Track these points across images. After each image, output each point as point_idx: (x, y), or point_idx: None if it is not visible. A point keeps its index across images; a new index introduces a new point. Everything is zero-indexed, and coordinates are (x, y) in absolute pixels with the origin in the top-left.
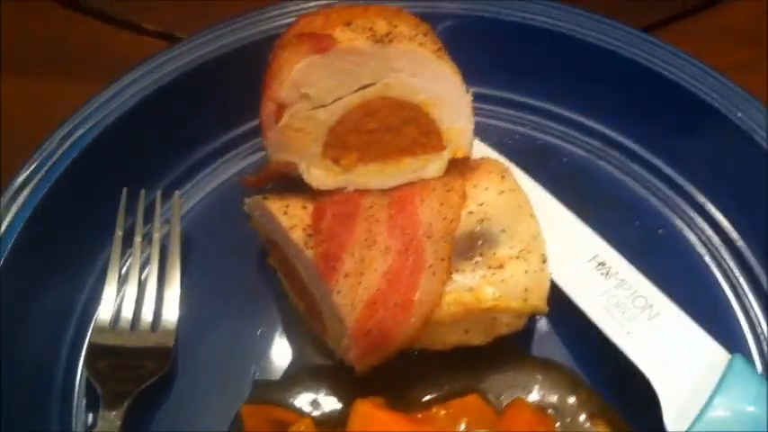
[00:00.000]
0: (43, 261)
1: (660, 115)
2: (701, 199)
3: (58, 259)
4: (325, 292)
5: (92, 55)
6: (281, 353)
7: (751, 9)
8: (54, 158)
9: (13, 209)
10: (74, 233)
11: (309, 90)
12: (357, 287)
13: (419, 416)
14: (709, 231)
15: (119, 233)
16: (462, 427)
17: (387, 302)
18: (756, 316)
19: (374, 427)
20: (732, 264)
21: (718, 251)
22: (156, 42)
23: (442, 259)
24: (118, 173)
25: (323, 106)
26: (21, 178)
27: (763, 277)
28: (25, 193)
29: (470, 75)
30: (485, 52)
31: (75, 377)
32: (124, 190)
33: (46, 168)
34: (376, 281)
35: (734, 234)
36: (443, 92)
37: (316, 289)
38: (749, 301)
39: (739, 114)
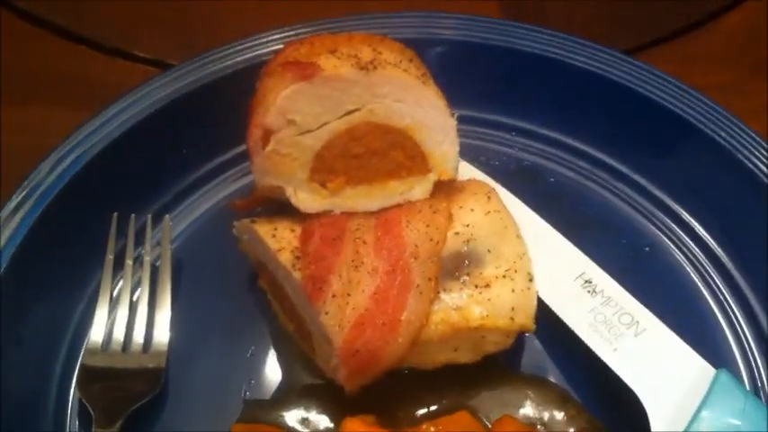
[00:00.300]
0: (35, 284)
1: (645, 136)
2: (687, 217)
3: (50, 282)
4: (313, 314)
5: (83, 82)
6: (271, 373)
7: (731, 33)
8: (45, 184)
9: (5, 234)
10: (65, 257)
11: (295, 116)
12: (345, 308)
13: None
14: (695, 249)
15: (110, 257)
16: None
17: (374, 322)
18: (743, 330)
19: None
20: (718, 280)
21: (704, 268)
22: (147, 70)
23: (429, 279)
24: (108, 198)
25: (309, 132)
26: (12, 204)
27: (748, 293)
28: (17, 218)
29: (457, 97)
30: (471, 76)
31: (67, 399)
32: (115, 214)
33: (37, 194)
34: (363, 301)
35: (719, 250)
36: (428, 116)
37: (304, 310)
38: (735, 315)
39: (722, 134)
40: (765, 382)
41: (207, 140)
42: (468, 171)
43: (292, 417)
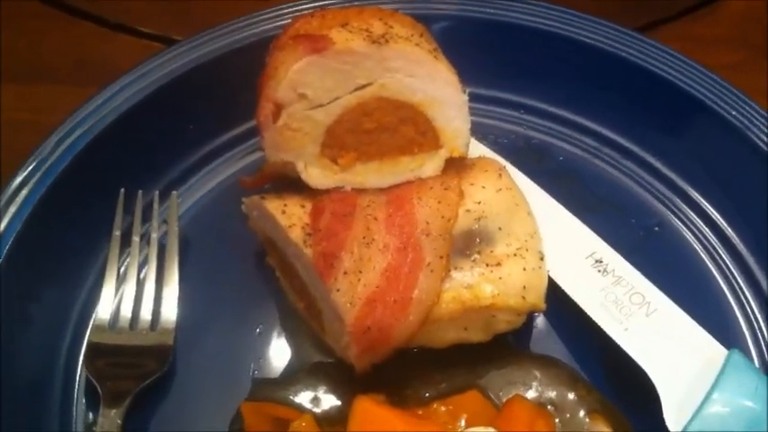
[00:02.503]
0: (41, 262)
1: (655, 114)
2: (696, 196)
3: (57, 260)
4: (324, 291)
5: (87, 59)
6: (279, 351)
7: (737, 14)
8: (51, 161)
9: (11, 210)
10: (72, 234)
11: (306, 90)
12: (356, 285)
13: (419, 412)
14: (705, 228)
15: (116, 233)
16: (462, 423)
17: (385, 300)
18: (753, 311)
19: (375, 424)
20: (728, 259)
21: (714, 247)
22: (153, 45)
23: (441, 257)
24: (115, 174)
25: (320, 106)
26: (18, 180)
27: (759, 272)
28: (23, 194)
29: (465, 75)
30: (480, 53)
31: (74, 377)
32: (122, 190)
33: (43, 171)
34: (375, 279)
35: (729, 230)
36: (440, 92)
37: (315, 287)
38: (745, 296)
39: (733, 112)
40: None
41: (214, 117)
42: (476, 149)
43: (302, 395)
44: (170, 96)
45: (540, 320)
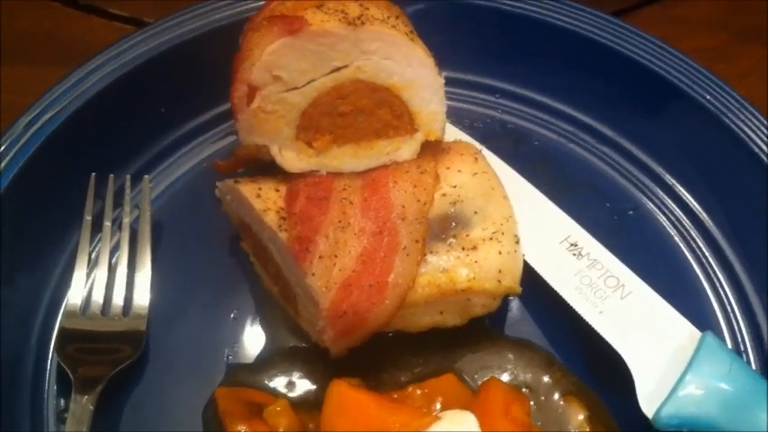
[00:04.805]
0: (11, 246)
1: (630, 99)
2: (671, 180)
3: (27, 244)
4: (299, 275)
5: (57, 40)
6: (254, 336)
7: None
8: (20, 143)
9: None
10: (42, 218)
11: (281, 72)
12: (331, 269)
13: (395, 396)
14: (679, 212)
15: (87, 218)
16: (438, 406)
17: (361, 284)
18: (726, 294)
19: (350, 407)
20: (701, 243)
21: (688, 231)
22: (125, 28)
23: (417, 241)
24: (86, 158)
25: (295, 89)
26: None
27: (731, 256)
28: None
29: (441, 59)
30: (456, 37)
31: (45, 363)
32: (92, 174)
33: (12, 153)
34: (350, 263)
35: (703, 214)
36: (416, 75)
37: (290, 272)
38: (718, 279)
39: (708, 97)
40: (748, 344)
41: (186, 100)
42: (452, 133)
43: (276, 380)
44: (142, 78)
45: (515, 304)
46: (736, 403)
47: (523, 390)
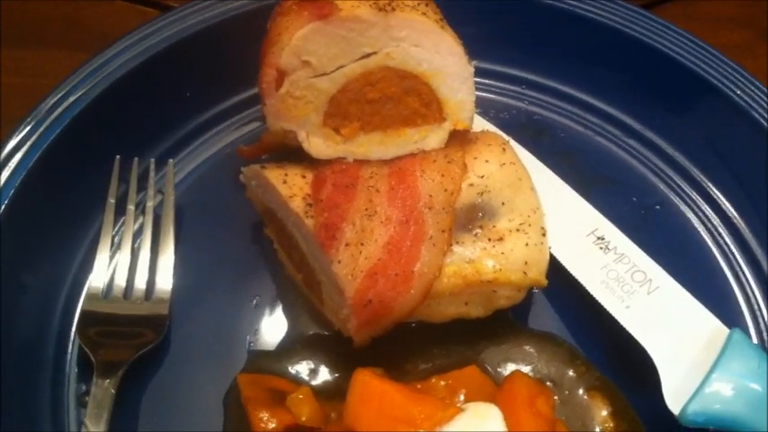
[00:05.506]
0: (35, 228)
1: (658, 92)
2: (699, 175)
3: (50, 227)
4: (324, 262)
5: (81, 24)
6: (276, 323)
7: None
8: (45, 126)
9: (4, 176)
10: (66, 201)
11: (310, 58)
12: (357, 257)
13: (418, 386)
14: (706, 207)
15: (111, 201)
16: (461, 397)
17: (387, 273)
18: (753, 290)
19: (374, 397)
20: (729, 239)
21: (715, 227)
22: (146, 11)
23: (443, 231)
24: (110, 141)
25: (324, 74)
26: (10, 146)
27: (759, 253)
28: (16, 159)
29: (469, 48)
30: (484, 27)
31: (67, 345)
32: (117, 157)
33: (36, 136)
34: (377, 251)
35: (731, 210)
36: (445, 63)
37: (315, 259)
38: (745, 276)
39: (738, 91)
40: None
41: (211, 84)
42: (479, 123)
43: (299, 368)
44: (168, 62)
45: (539, 297)
46: (763, 401)
47: (547, 383)
